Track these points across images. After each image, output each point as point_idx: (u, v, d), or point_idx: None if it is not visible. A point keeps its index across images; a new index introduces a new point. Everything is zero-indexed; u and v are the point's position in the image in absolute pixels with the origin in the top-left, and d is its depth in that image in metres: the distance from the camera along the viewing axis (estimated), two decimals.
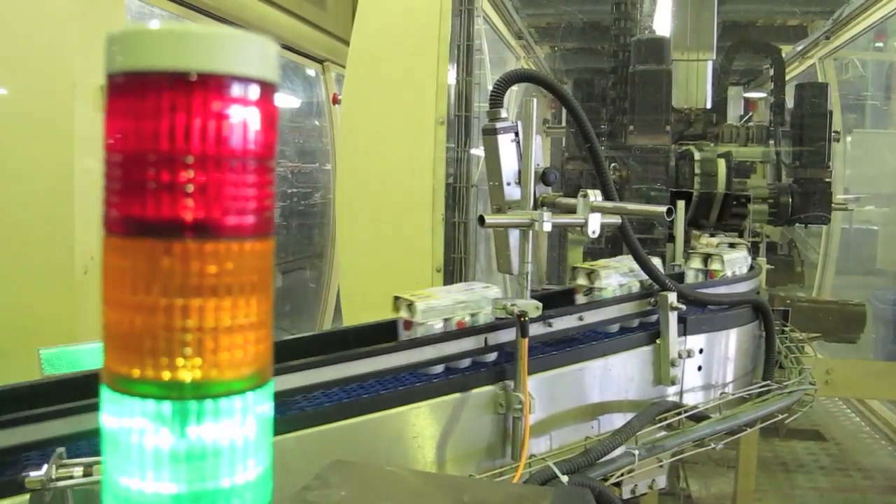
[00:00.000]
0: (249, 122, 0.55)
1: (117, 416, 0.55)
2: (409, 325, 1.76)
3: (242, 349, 0.55)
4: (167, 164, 0.51)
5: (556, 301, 2.17)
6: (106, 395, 0.56)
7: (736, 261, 2.60)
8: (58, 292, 2.83)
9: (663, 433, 1.98)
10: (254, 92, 0.56)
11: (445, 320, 1.78)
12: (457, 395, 1.69)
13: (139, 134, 0.51)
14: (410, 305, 1.75)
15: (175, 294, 0.52)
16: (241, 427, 0.57)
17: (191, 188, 0.52)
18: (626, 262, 2.26)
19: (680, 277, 2.52)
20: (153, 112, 0.51)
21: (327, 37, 5.89)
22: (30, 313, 2.85)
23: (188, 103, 0.51)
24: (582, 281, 2.16)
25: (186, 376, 0.53)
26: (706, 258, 2.54)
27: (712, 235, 3.31)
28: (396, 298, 1.79)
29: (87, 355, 1.56)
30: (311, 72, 6.22)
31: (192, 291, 0.53)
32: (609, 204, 1.93)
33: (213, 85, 0.52)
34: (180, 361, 0.53)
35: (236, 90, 0.54)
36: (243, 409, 0.56)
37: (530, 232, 1.85)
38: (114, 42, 0.53)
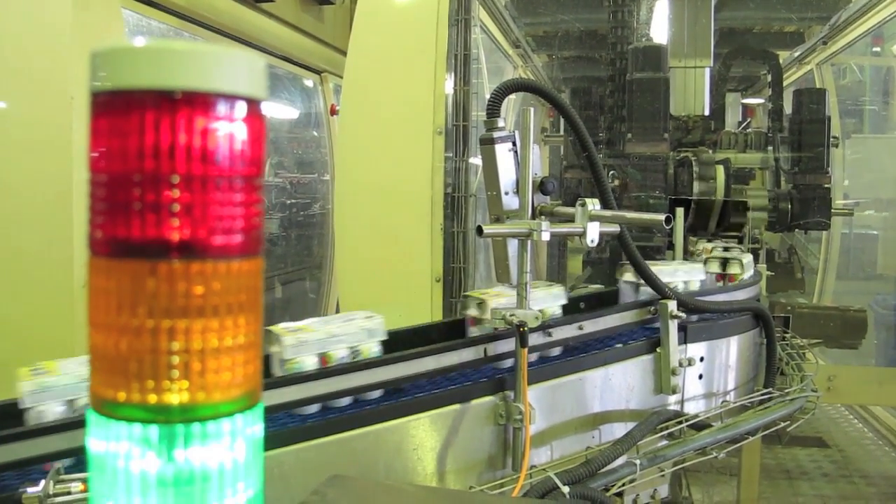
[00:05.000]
0: (236, 139, 0.54)
1: (104, 439, 0.54)
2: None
3: (230, 371, 0.54)
4: (152, 184, 0.50)
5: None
6: (92, 419, 0.55)
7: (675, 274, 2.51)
8: (56, 306, 2.82)
9: (665, 442, 1.97)
10: (240, 109, 0.55)
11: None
12: (456, 406, 1.68)
13: (123, 153, 0.50)
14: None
15: (161, 315, 0.52)
16: (229, 450, 0.55)
17: (176, 208, 0.51)
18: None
19: None
20: (137, 131, 0.50)
21: (325, 48, 5.90)
22: (28, 327, 2.84)
23: (173, 121, 0.50)
24: (473, 311, 1.97)
25: (173, 399, 0.52)
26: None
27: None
28: (267, 332, 1.62)
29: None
30: (309, 82, 6.22)
31: (178, 313, 0.52)
32: (608, 212, 1.92)
33: (199, 103, 0.51)
34: (167, 384, 0.52)
35: (222, 108, 0.53)
36: (232, 431, 0.55)
37: (529, 241, 1.85)
38: (97, 60, 0.52)
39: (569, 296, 2.12)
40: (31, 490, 1.20)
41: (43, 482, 1.20)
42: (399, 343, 1.78)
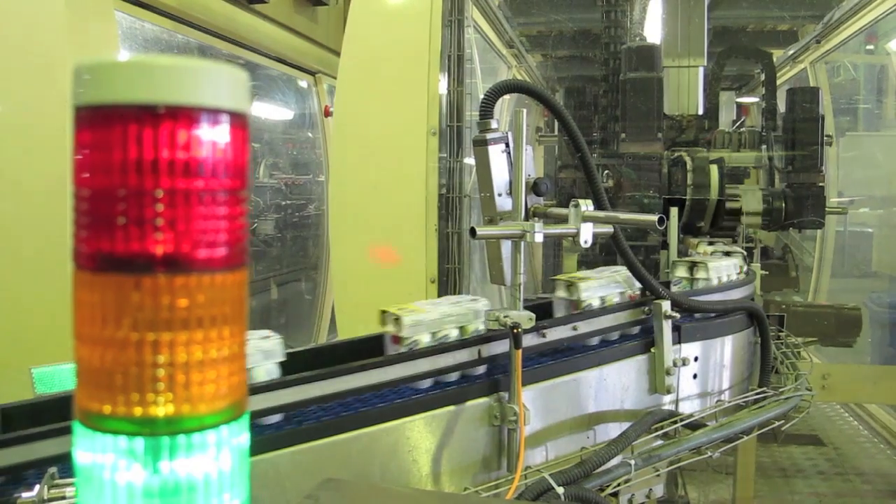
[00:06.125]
0: (219, 153, 0.54)
1: (90, 451, 0.55)
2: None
3: (215, 383, 0.54)
4: (136, 198, 0.51)
5: (552, 311, 2.17)
6: (78, 431, 0.55)
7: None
8: (51, 309, 2.81)
9: (660, 442, 1.98)
10: (223, 123, 0.55)
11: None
12: (451, 408, 1.68)
13: (107, 168, 0.51)
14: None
15: (146, 329, 0.52)
16: (215, 461, 0.56)
17: (160, 222, 0.51)
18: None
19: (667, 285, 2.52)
20: (121, 145, 0.50)
21: (319, 48, 5.90)
22: (23, 331, 2.83)
23: (156, 136, 0.51)
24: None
25: (158, 412, 0.53)
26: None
27: (710, 244, 3.31)
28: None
29: None
30: (303, 83, 6.22)
31: (162, 326, 0.52)
32: (601, 213, 1.92)
33: (182, 117, 0.52)
34: (152, 397, 0.52)
35: (205, 122, 0.53)
36: (217, 442, 0.56)
37: (522, 243, 1.85)
38: (80, 74, 0.52)
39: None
40: (25, 495, 1.20)
41: (37, 487, 1.20)
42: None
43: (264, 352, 1.58)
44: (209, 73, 0.54)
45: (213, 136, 0.54)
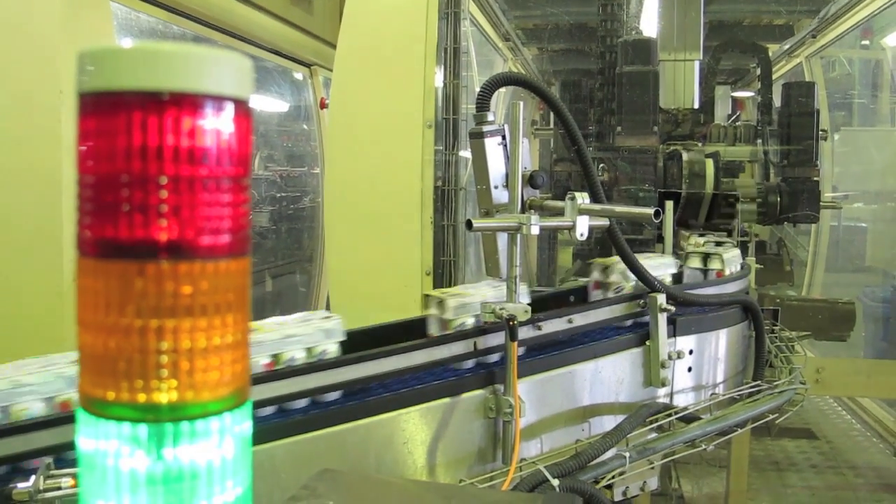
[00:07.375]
0: (223, 140, 0.54)
1: (93, 438, 0.55)
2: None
3: (219, 370, 0.55)
4: (140, 185, 0.51)
5: (546, 304, 2.17)
6: (81, 418, 0.55)
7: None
8: (46, 300, 2.81)
9: (654, 435, 1.98)
10: (227, 110, 0.55)
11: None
12: (446, 400, 1.69)
13: (111, 154, 0.51)
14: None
15: (149, 315, 0.52)
16: (218, 448, 0.56)
17: (164, 209, 0.51)
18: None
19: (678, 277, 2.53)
20: (125, 131, 0.50)
21: (315, 40, 5.89)
22: (17, 322, 2.83)
23: (160, 122, 0.51)
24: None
25: (162, 398, 0.53)
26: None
27: (701, 235, 3.32)
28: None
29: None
30: (298, 75, 6.21)
31: (166, 312, 0.52)
32: (597, 206, 1.92)
33: (186, 104, 0.52)
34: (155, 384, 0.53)
35: (209, 108, 0.53)
36: (220, 430, 0.56)
37: (518, 235, 1.85)
38: (84, 61, 0.52)
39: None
40: (21, 485, 1.20)
41: (33, 477, 1.20)
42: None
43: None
44: (214, 60, 0.54)
45: (218, 124, 0.54)
